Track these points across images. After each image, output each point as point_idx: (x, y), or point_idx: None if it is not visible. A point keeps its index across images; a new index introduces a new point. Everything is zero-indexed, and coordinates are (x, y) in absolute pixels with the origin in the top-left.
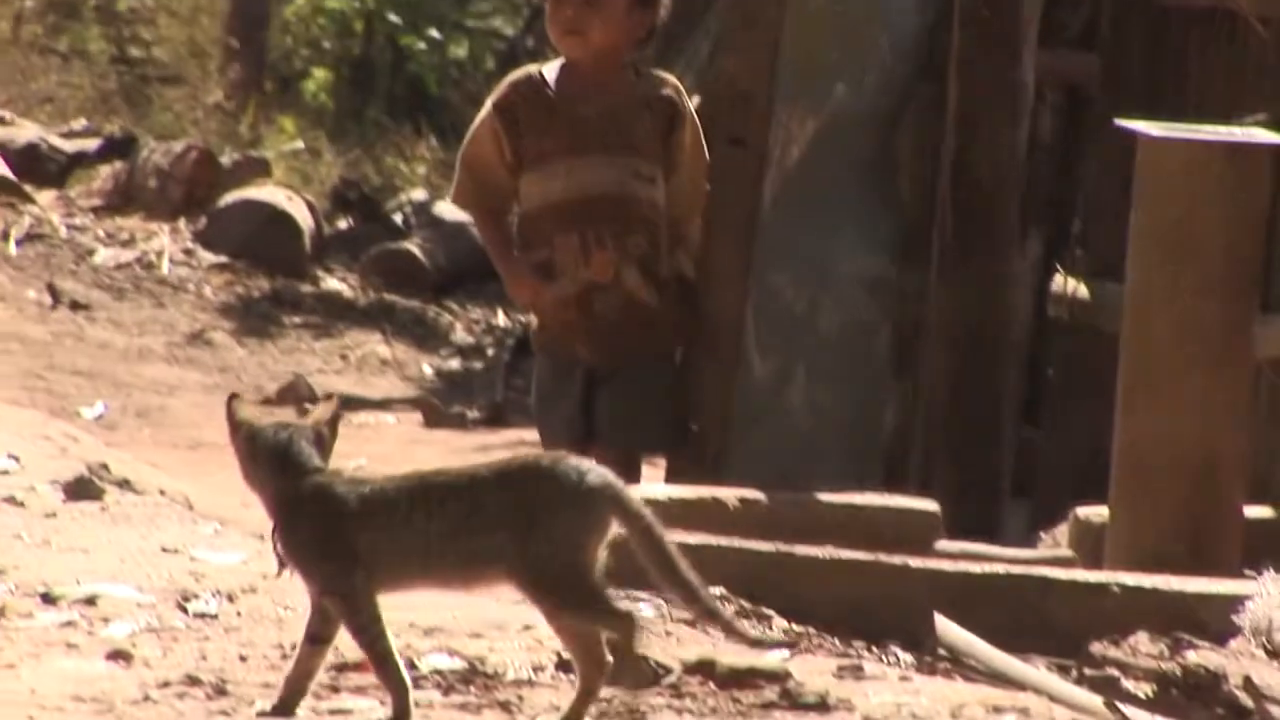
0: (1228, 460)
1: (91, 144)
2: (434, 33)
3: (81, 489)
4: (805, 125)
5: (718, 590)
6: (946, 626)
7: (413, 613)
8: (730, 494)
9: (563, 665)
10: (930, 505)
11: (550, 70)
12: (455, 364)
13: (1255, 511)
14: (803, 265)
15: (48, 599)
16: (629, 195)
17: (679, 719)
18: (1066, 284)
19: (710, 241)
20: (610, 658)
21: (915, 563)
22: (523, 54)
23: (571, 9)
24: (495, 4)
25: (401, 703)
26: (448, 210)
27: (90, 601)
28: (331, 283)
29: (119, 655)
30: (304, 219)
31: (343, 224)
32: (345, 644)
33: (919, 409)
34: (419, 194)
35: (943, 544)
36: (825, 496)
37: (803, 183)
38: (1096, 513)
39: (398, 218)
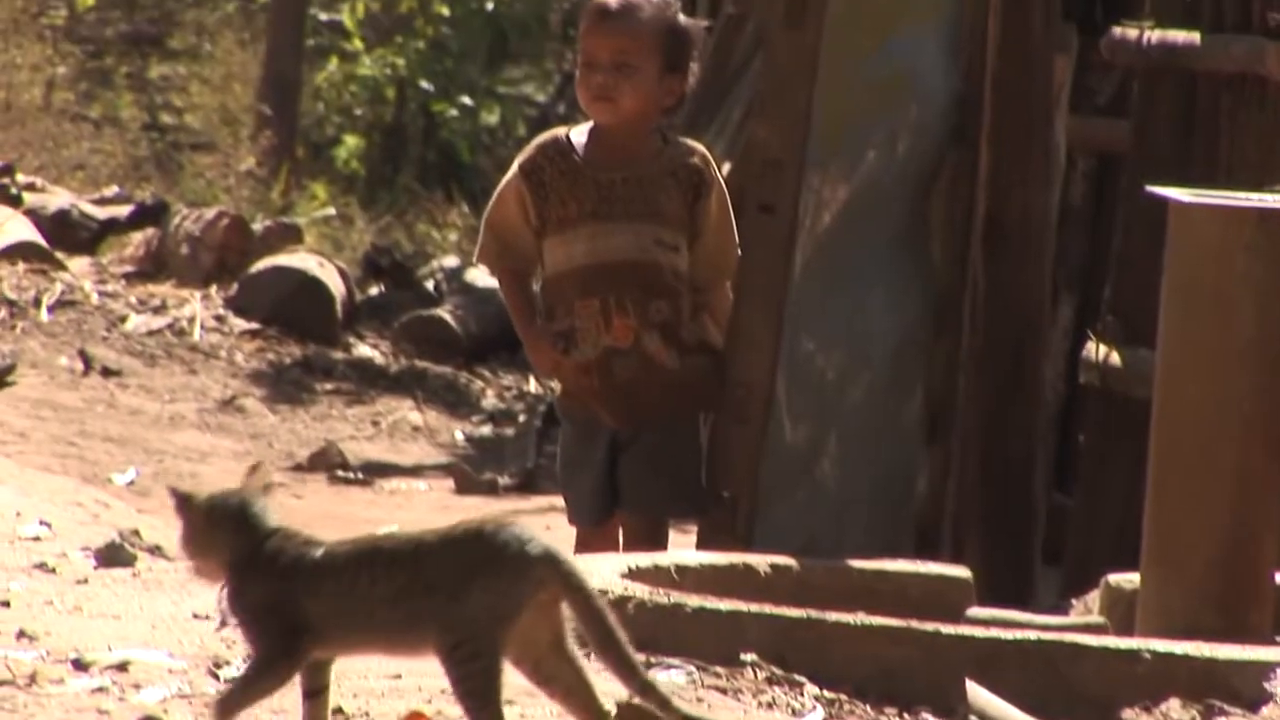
0: (1260, 526)
1: (123, 211)
2: (466, 99)
3: (113, 555)
4: (837, 192)
5: (749, 656)
6: (978, 693)
7: (445, 680)
8: (761, 560)
9: None
10: (962, 572)
11: (578, 134)
12: (487, 430)
13: None
14: (834, 332)
15: (79, 665)
16: (651, 262)
17: None
18: (1098, 350)
19: (741, 308)
20: (612, 708)
21: (947, 629)
22: (554, 120)
23: (602, 75)
24: (527, 71)
25: None
26: (480, 277)
27: (122, 668)
28: (363, 349)
29: None
30: (335, 285)
31: (374, 290)
32: (375, 710)
33: (951, 476)
34: (451, 260)
35: (974, 610)
36: (857, 563)
37: (834, 249)
38: (1128, 579)
39: (429, 284)
